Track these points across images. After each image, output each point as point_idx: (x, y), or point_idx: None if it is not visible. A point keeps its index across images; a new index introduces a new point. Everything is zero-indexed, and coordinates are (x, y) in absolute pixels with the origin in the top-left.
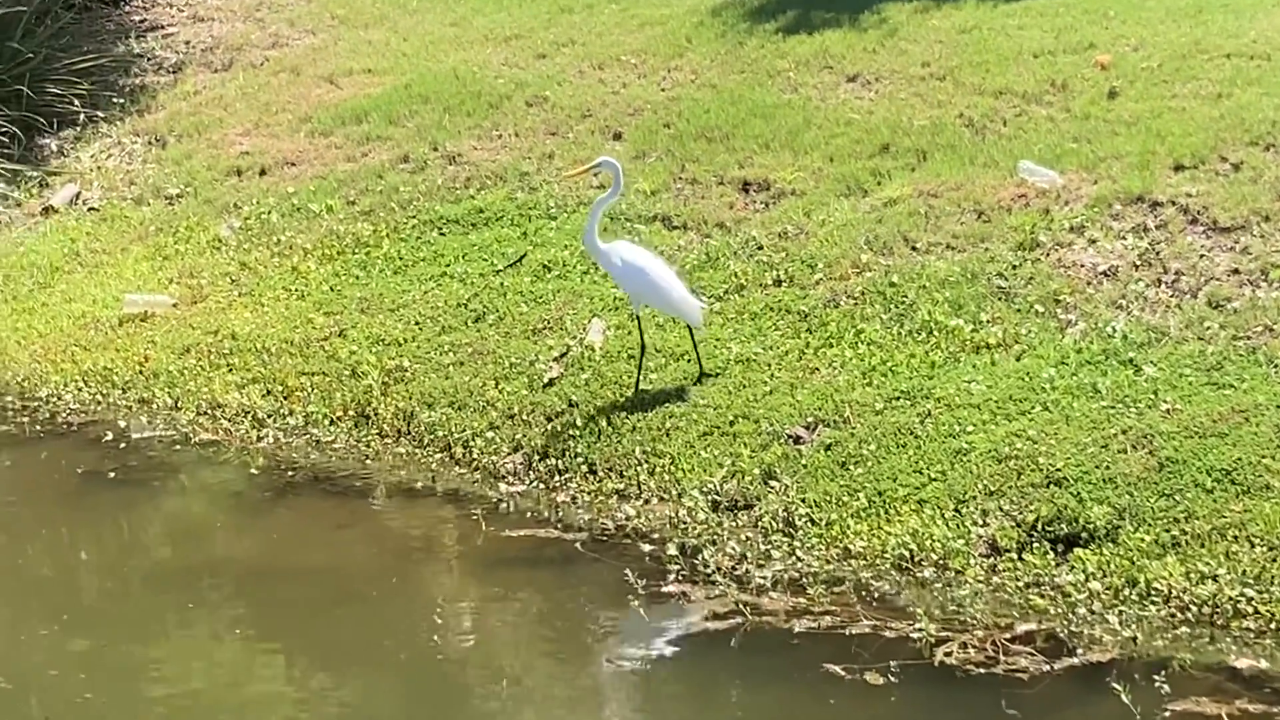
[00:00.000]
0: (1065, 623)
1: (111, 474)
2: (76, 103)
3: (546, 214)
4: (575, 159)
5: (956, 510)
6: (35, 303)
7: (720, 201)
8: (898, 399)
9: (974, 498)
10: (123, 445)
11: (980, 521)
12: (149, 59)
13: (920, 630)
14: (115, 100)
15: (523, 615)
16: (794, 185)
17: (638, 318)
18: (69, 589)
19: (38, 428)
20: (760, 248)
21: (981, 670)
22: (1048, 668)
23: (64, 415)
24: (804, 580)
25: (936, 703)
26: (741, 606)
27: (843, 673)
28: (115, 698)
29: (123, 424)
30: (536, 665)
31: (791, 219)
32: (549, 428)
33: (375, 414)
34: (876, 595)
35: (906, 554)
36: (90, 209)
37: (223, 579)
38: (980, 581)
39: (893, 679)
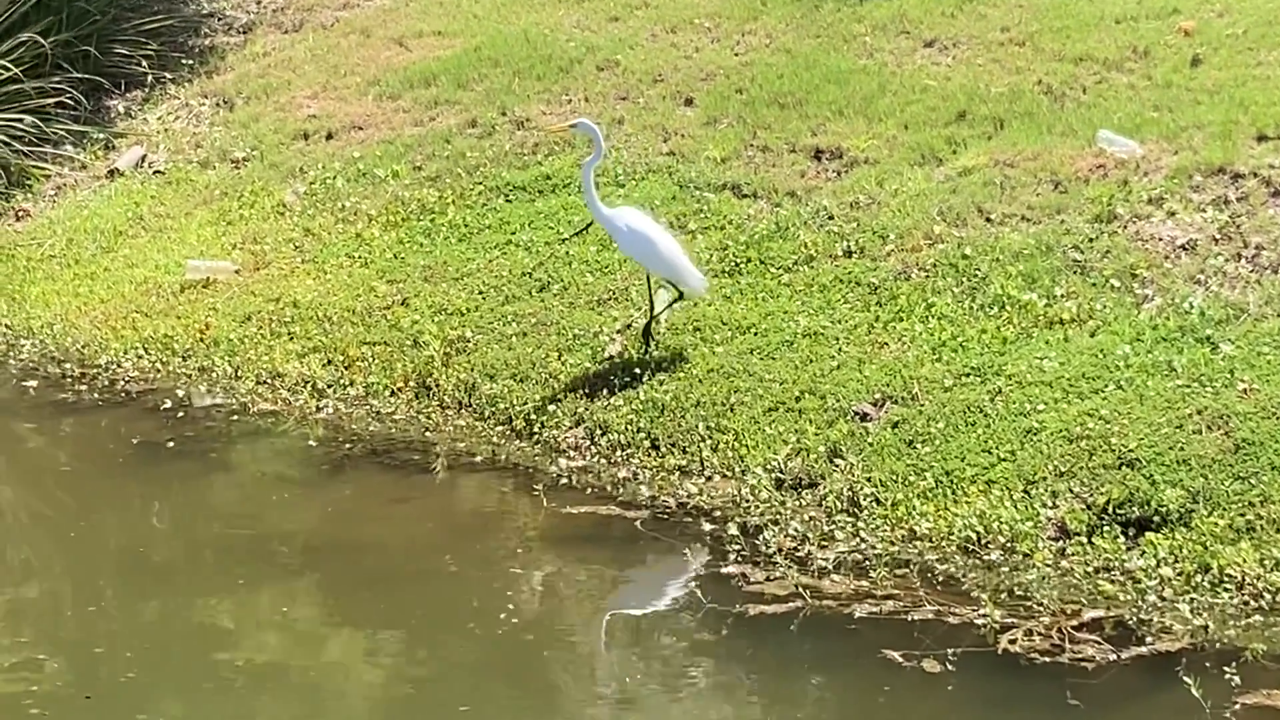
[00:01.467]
0: (1134, 610)
1: (169, 444)
2: (144, 64)
3: (615, 181)
4: (646, 124)
5: (1025, 491)
6: (97, 267)
7: (791, 169)
8: (968, 376)
9: (1044, 479)
10: (181, 414)
11: (1050, 503)
12: (219, 19)
13: (984, 616)
14: (183, 61)
15: (582, 594)
16: (867, 153)
17: (648, 282)
18: (122, 562)
19: (96, 395)
20: (831, 217)
21: (1046, 659)
22: (1115, 657)
23: (123, 383)
24: (867, 562)
25: (996, 692)
26: (802, 589)
27: (901, 660)
28: (167, 671)
29: (181, 393)
30: (592, 646)
31: (864, 188)
32: (612, 402)
33: (436, 385)
34: (941, 579)
35: (973, 536)
36: (156, 172)
37: (279, 553)
38: (1048, 566)
39: (951, 667)
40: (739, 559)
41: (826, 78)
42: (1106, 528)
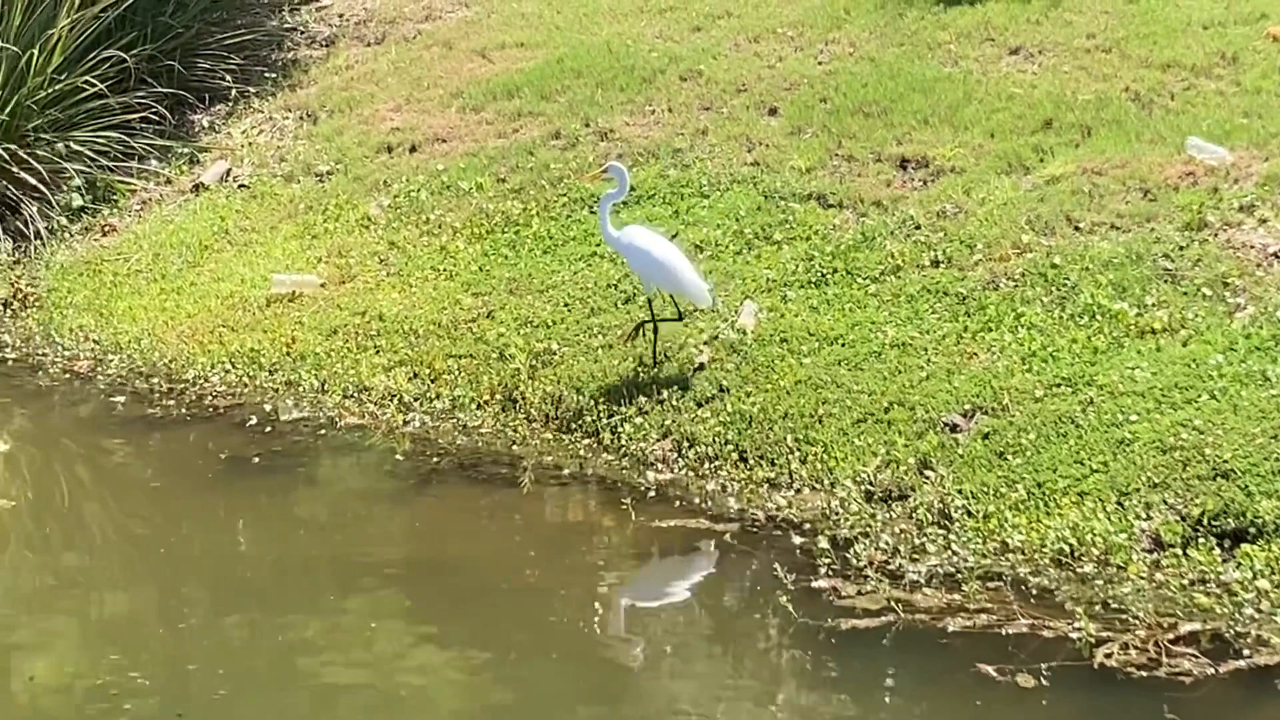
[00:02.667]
0: (1231, 623)
1: (256, 459)
2: (228, 78)
3: (699, 192)
4: (730, 135)
5: (1119, 503)
6: (184, 282)
7: (877, 179)
8: (1058, 386)
9: (1137, 490)
10: (268, 429)
11: (1143, 515)
12: (301, 32)
13: (1079, 630)
14: (267, 75)
15: (670, 609)
16: (953, 162)
17: (649, 300)
18: (211, 578)
19: (183, 410)
20: (918, 227)
21: (1142, 673)
22: (1212, 671)
23: (210, 398)
24: (959, 575)
25: (1092, 707)
26: (894, 603)
27: (995, 674)
28: (257, 689)
29: (268, 407)
30: (681, 663)
31: (950, 197)
32: (699, 413)
33: (523, 398)
34: (1035, 592)
35: (1066, 548)
36: (240, 186)
37: (367, 568)
38: (1142, 578)
39: (1046, 681)
40: (829, 573)
41: (911, 86)
42: (1201, 540)
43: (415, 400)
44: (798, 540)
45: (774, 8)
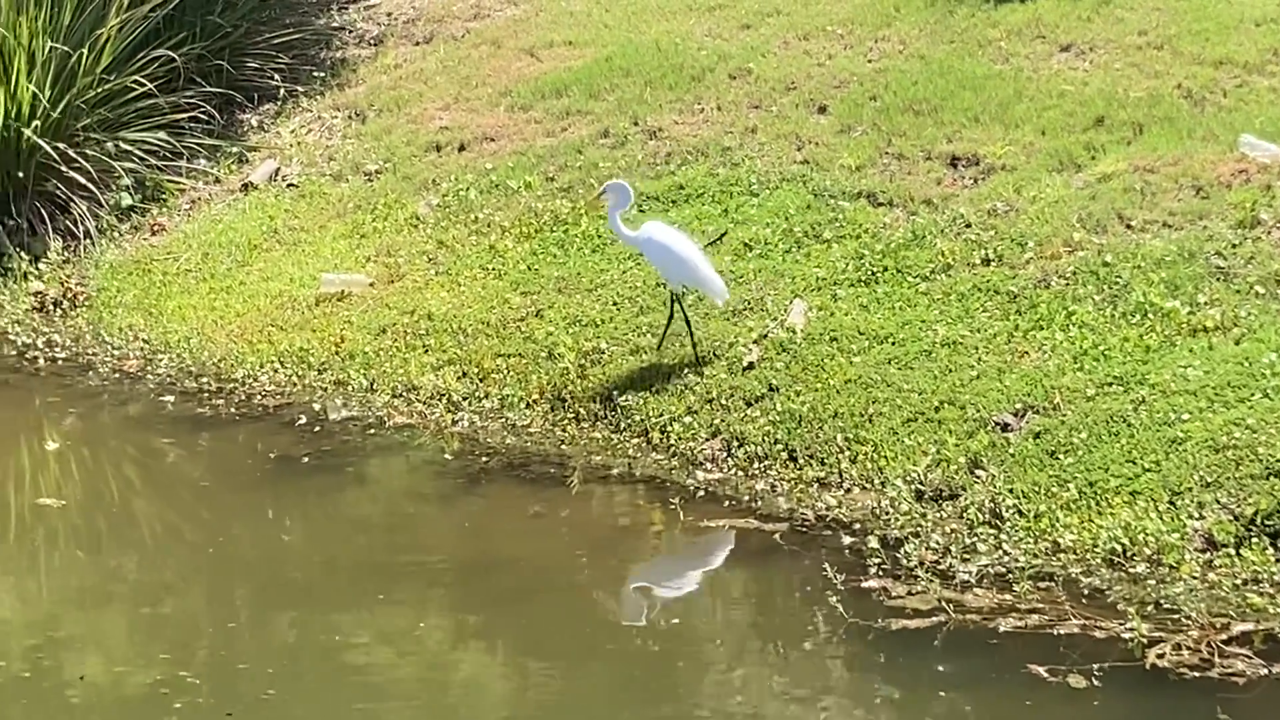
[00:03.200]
0: None
1: (304, 458)
2: (276, 77)
3: (749, 190)
4: (779, 133)
5: (1171, 503)
6: (233, 281)
7: (927, 177)
8: (1110, 385)
9: (1190, 489)
10: (317, 429)
11: (1196, 514)
12: (350, 31)
13: (1131, 630)
14: (315, 74)
15: (719, 609)
16: (1004, 160)
17: (673, 295)
18: (260, 578)
19: (233, 410)
20: (968, 225)
21: (1195, 674)
22: (1265, 671)
23: (259, 397)
24: (1010, 575)
25: (1144, 708)
26: (944, 603)
27: (1046, 675)
28: (306, 688)
29: (317, 406)
30: (730, 662)
31: (1001, 195)
32: (748, 413)
33: (571, 397)
34: (1086, 592)
35: (1118, 548)
36: (289, 185)
37: (415, 568)
38: (1195, 578)
39: (1097, 682)
40: (880, 573)
41: (962, 84)
42: (1255, 539)
43: (464, 399)
44: (848, 540)
45: (823, 5)
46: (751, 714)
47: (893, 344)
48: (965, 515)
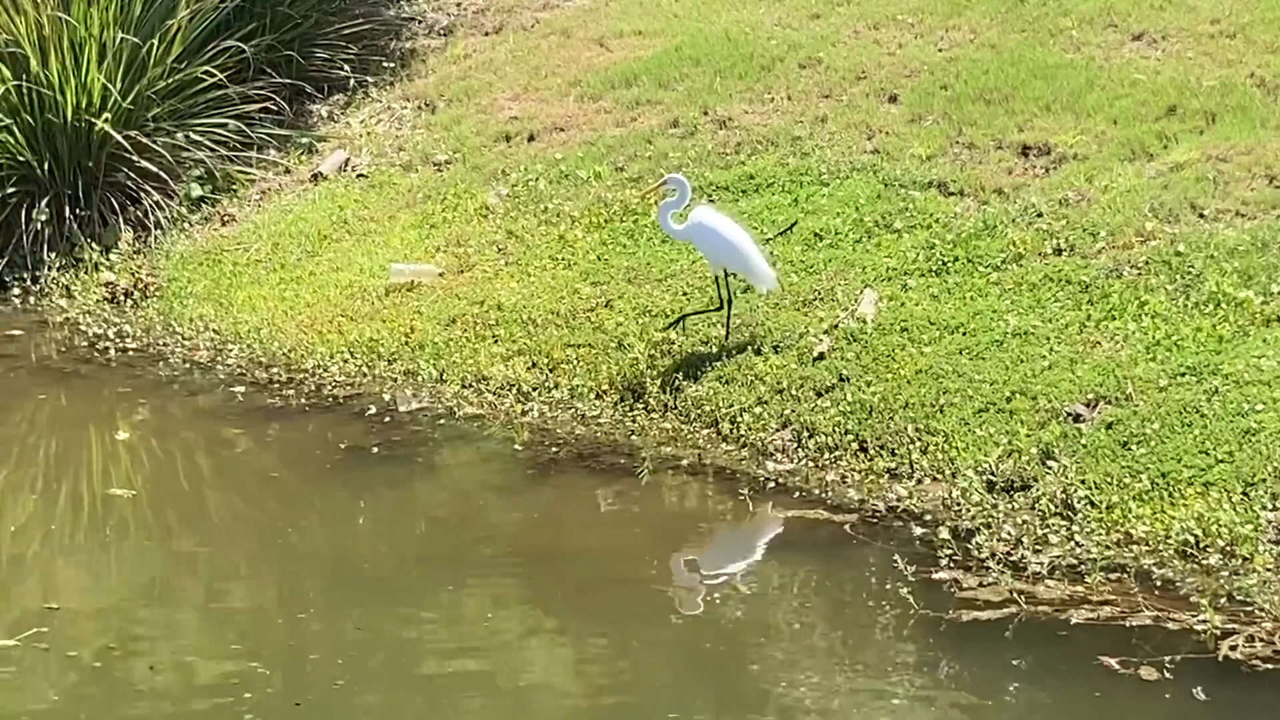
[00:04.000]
0: None
1: (374, 449)
2: (346, 68)
3: (818, 180)
4: (849, 122)
5: (1244, 493)
6: (303, 271)
7: (998, 166)
8: (1183, 375)
9: (1263, 480)
10: (387, 419)
11: (1270, 505)
12: (419, 22)
13: (1204, 622)
14: (385, 64)
15: (789, 600)
16: (1076, 149)
17: (719, 278)
18: (330, 568)
19: (303, 400)
20: (1040, 215)
21: (1268, 665)
22: None
23: (329, 388)
24: (1082, 567)
25: (1216, 700)
26: (1015, 595)
27: (1118, 666)
28: (376, 678)
29: (387, 397)
30: (799, 654)
31: (1073, 184)
32: (818, 403)
33: (641, 387)
34: (1158, 583)
35: (1191, 539)
36: (359, 175)
37: (485, 559)
38: (1269, 569)
39: (1169, 674)
40: (951, 564)
41: (1033, 73)
42: None
43: (533, 390)
44: (918, 531)
45: None
46: (821, 707)
47: (964, 334)
48: (1037, 506)
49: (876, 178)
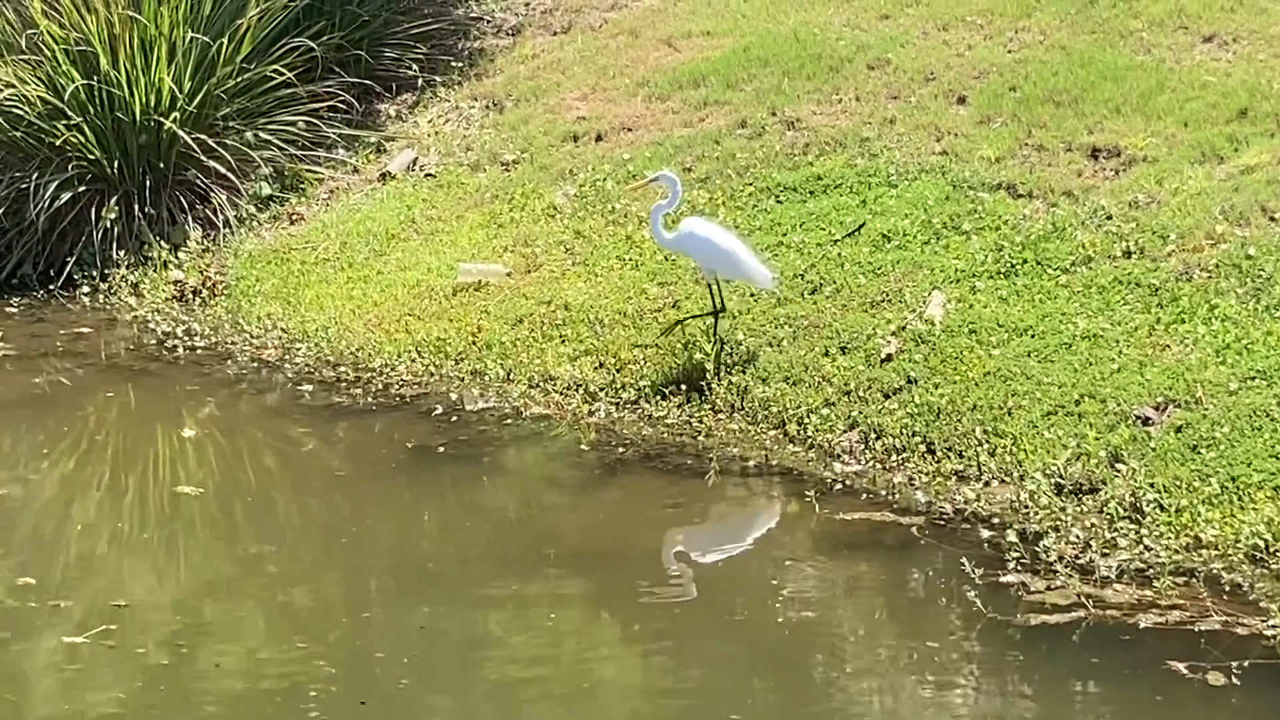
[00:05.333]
0: None
1: (441, 448)
2: (414, 67)
3: (887, 181)
4: (918, 124)
5: None
6: (370, 270)
7: (1068, 169)
8: (1253, 379)
9: None
10: (454, 419)
11: None
12: (488, 21)
13: (1274, 627)
14: (453, 64)
15: (856, 602)
16: (1145, 152)
17: (711, 285)
18: (395, 567)
19: (370, 399)
20: (1109, 217)
21: None
22: None
23: (396, 386)
24: (1151, 571)
25: None
26: (1083, 598)
27: (1186, 671)
28: (440, 678)
29: (454, 396)
30: (866, 657)
31: (1142, 187)
32: (886, 405)
33: (708, 388)
34: (1227, 588)
35: (1261, 544)
36: (427, 175)
37: (551, 559)
38: None
39: (1236, 680)
40: (1018, 567)
41: (1103, 74)
42: None
43: (601, 390)
44: (986, 534)
45: None
46: (889, 710)
47: (1032, 336)
48: (1105, 509)
49: (945, 179)
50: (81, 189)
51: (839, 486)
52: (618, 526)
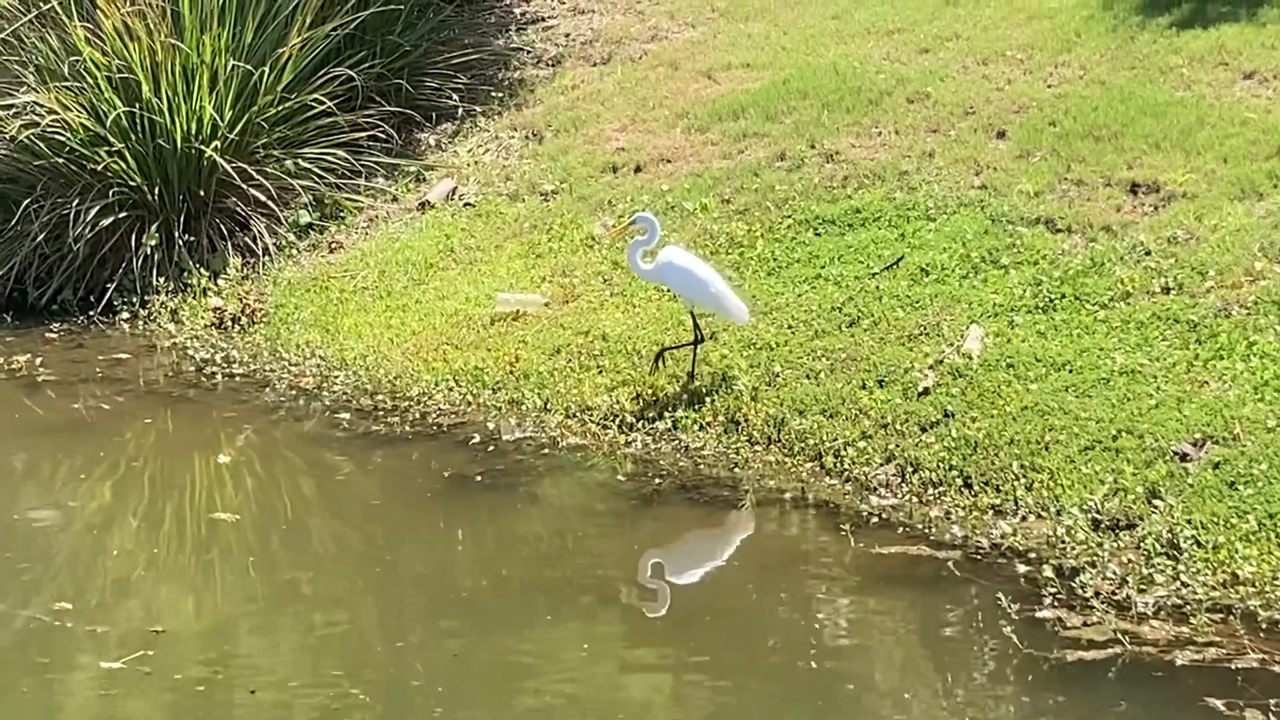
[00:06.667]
0: None
1: (478, 477)
2: (454, 97)
3: (925, 215)
4: (957, 157)
5: None
6: (409, 299)
7: (1107, 204)
8: None
9: None
10: (491, 448)
11: None
12: (528, 52)
13: None
14: (493, 94)
15: (890, 636)
16: (1185, 188)
17: (692, 314)
18: (430, 596)
19: (407, 428)
20: (1148, 253)
21: None
22: None
23: (434, 415)
24: (1188, 607)
25: None
26: (1120, 635)
27: (1224, 708)
28: (474, 707)
29: (491, 425)
30: (899, 690)
31: (1182, 223)
32: (923, 438)
33: (745, 420)
34: (1265, 625)
35: None
36: (466, 204)
37: (586, 589)
38: None
39: (1274, 717)
40: (1054, 602)
41: (1143, 110)
42: None
43: (637, 421)
44: (1022, 569)
45: (1003, 30)
46: None
47: (1070, 371)
48: (1142, 545)
49: (984, 213)
50: (122, 215)
51: (875, 520)
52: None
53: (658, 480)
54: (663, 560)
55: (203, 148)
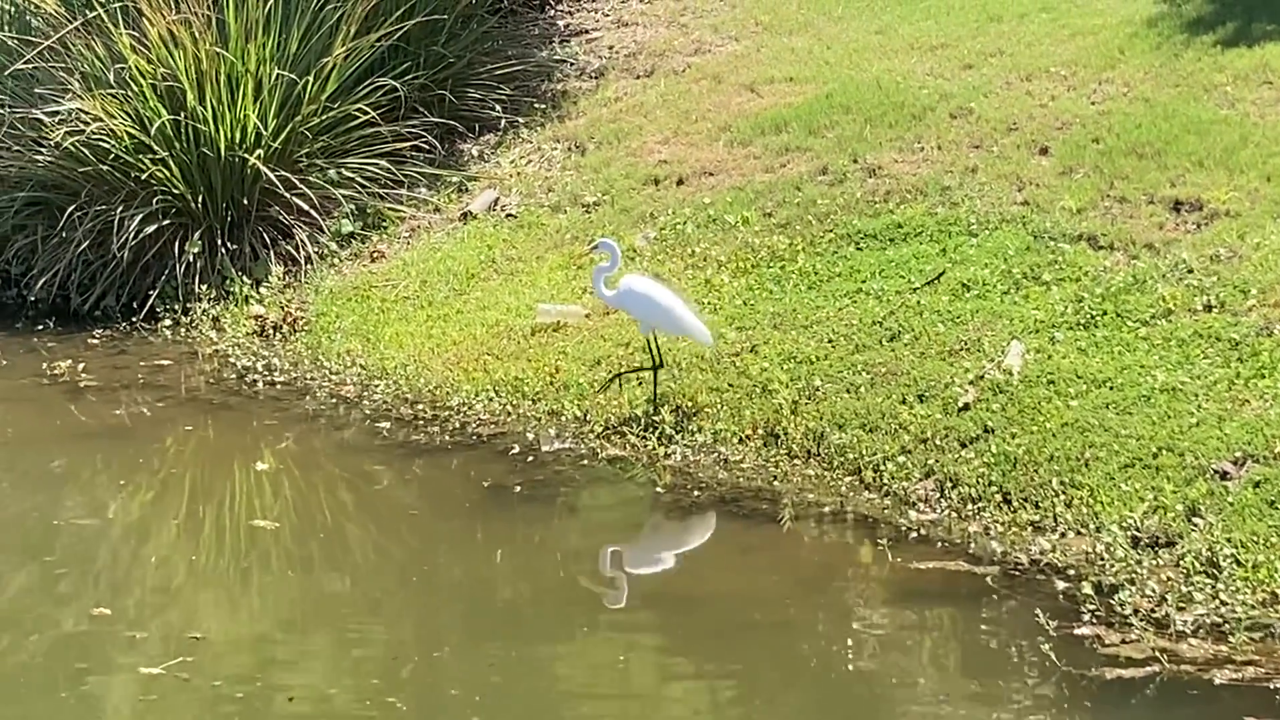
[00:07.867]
0: None
1: (517, 488)
2: (497, 108)
3: (967, 230)
4: (1000, 173)
5: None
6: (450, 309)
7: (1149, 221)
8: None
9: None
10: (530, 459)
11: None
12: (571, 64)
13: None
14: (536, 106)
15: (928, 652)
16: (1228, 205)
17: (650, 340)
18: (467, 606)
19: (447, 438)
20: (1190, 271)
21: None
22: None
23: (473, 425)
24: (1227, 626)
25: None
26: (1158, 653)
27: None
28: (513, 717)
29: (530, 436)
30: (941, 706)
31: (1224, 241)
32: (962, 454)
33: (784, 433)
34: None
35: None
36: (508, 215)
37: (627, 601)
38: None
39: None
40: (1093, 619)
41: (1186, 128)
42: None
43: (677, 433)
44: (1061, 585)
45: (1047, 46)
46: None
47: (1111, 389)
48: (1182, 563)
49: (1026, 229)
50: (165, 223)
51: (914, 535)
52: (691, 568)
53: (696, 493)
54: (700, 573)
55: (246, 156)
